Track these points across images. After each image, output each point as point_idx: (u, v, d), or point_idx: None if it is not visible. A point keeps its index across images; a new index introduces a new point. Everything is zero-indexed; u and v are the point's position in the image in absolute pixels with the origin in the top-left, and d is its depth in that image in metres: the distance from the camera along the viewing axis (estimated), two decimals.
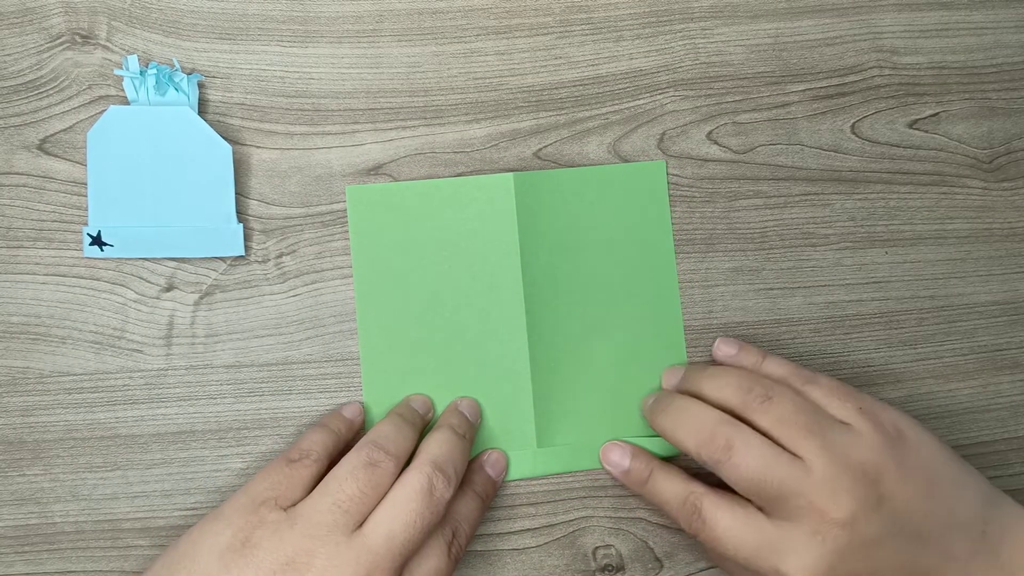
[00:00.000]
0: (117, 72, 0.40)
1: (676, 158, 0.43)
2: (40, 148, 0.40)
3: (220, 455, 0.40)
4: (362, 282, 0.41)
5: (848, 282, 0.44)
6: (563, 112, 0.43)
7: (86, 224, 0.40)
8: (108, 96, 0.40)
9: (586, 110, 0.43)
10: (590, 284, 0.42)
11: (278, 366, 0.40)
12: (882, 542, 0.34)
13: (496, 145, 0.42)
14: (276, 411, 0.40)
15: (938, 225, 0.44)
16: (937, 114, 0.45)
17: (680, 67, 0.44)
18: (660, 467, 0.39)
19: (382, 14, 0.42)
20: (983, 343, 0.44)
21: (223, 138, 0.39)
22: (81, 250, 0.40)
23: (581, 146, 0.43)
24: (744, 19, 0.44)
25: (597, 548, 0.41)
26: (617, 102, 0.43)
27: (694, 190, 0.43)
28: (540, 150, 0.42)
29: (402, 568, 0.33)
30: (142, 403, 0.40)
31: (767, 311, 0.43)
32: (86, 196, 0.40)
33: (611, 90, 0.43)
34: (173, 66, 0.40)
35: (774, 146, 0.44)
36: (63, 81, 0.40)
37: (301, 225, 0.41)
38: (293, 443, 0.37)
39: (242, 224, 0.40)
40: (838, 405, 0.36)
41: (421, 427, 0.39)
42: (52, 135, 0.40)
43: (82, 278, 0.40)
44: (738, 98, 0.44)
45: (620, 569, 0.41)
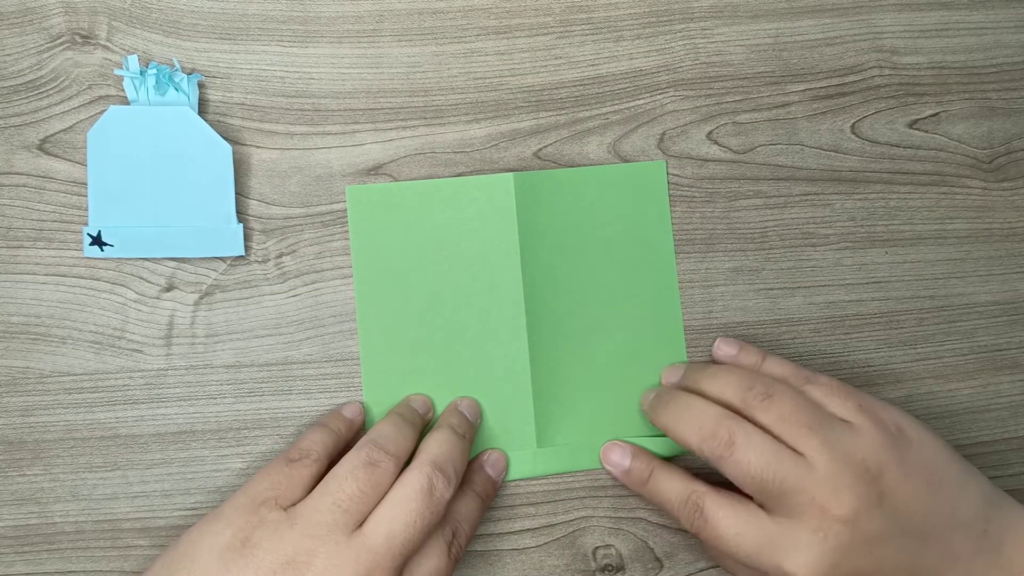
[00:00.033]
0: (117, 72, 0.40)
1: (676, 158, 0.43)
2: (40, 148, 0.40)
3: (220, 455, 0.40)
4: (362, 282, 0.41)
5: (848, 282, 0.44)
6: (563, 112, 0.43)
7: (86, 224, 0.40)
8: (108, 96, 0.40)
9: (586, 110, 0.43)
10: (590, 284, 0.42)
11: (278, 366, 0.40)
12: (884, 540, 0.34)
13: (496, 145, 0.42)
14: (276, 411, 0.40)
15: (938, 225, 0.44)
16: (937, 114, 0.45)
17: (680, 67, 0.44)
18: (661, 466, 0.39)
19: (382, 14, 0.42)
20: (983, 343, 0.44)
21: (223, 138, 0.39)
22: (81, 250, 0.40)
23: (581, 146, 0.43)
24: (744, 19, 0.44)
25: (597, 548, 0.41)
26: (617, 102, 0.43)
27: (694, 190, 0.43)
28: (540, 150, 0.42)
29: (402, 568, 0.33)
30: (142, 403, 0.40)
31: (767, 311, 0.43)
32: (86, 196, 0.40)
33: (611, 90, 0.43)
34: (173, 66, 0.40)
35: (774, 146, 0.44)
36: (63, 81, 0.40)
37: (301, 225, 0.41)
38: (293, 443, 0.37)
39: (242, 224, 0.40)
40: (838, 403, 0.36)
41: (421, 427, 0.39)
42: (52, 135, 0.40)
43: (82, 278, 0.40)
44: (738, 98, 0.44)
45: (620, 569, 0.41)
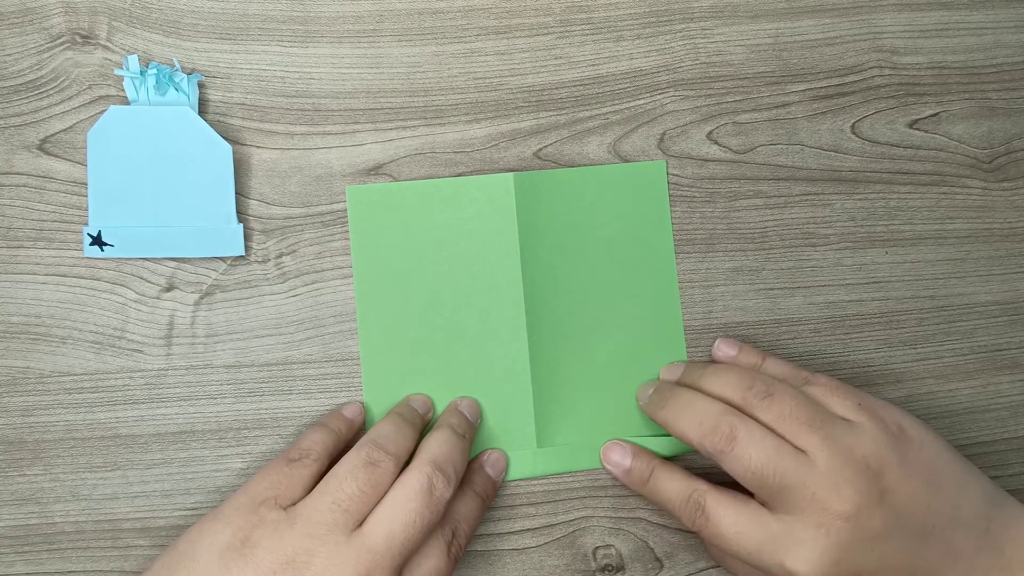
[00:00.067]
0: (117, 72, 0.40)
1: (676, 158, 0.43)
2: (40, 148, 0.40)
3: (220, 455, 0.40)
4: (362, 282, 0.41)
5: (848, 282, 0.44)
6: (563, 112, 0.43)
7: (86, 224, 0.40)
8: (108, 96, 0.40)
9: (586, 110, 0.43)
10: (590, 284, 0.42)
11: (278, 366, 0.40)
12: (885, 537, 0.34)
13: (496, 145, 0.42)
14: (276, 411, 0.40)
15: (938, 225, 0.44)
16: (937, 114, 0.45)
17: (680, 67, 0.44)
18: (661, 466, 0.39)
19: (382, 14, 0.42)
20: (983, 343, 0.44)
21: (223, 138, 0.39)
22: (81, 250, 0.40)
23: (581, 146, 0.43)
24: (744, 19, 0.44)
25: (597, 548, 0.41)
26: (617, 102, 0.43)
27: (694, 190, 0.43)
28: (540, 150, 0.42)
29: (402, 567, 0.33)
30: (142, 403, 0.40)
31: (767, 311, 0.43)
32: (86, 196, 0.40)
33: (611, 90, 0.43)
34: (173, 66, 0.40)
35: (774, 146, 0.44)
36: (63, 81, 0.40)
37: (301, 225, 0.41)
38: (293, 443, 0.37)
39: (242, 224, 0.40)
40: (839, 402, 0.36)
41: (421, 427, 0.39)
42: (52, 135, 0.40)
43: (82, 278, 0.40)
44: (738, 98, 0.44)
45: (620, 569, 0.41)
